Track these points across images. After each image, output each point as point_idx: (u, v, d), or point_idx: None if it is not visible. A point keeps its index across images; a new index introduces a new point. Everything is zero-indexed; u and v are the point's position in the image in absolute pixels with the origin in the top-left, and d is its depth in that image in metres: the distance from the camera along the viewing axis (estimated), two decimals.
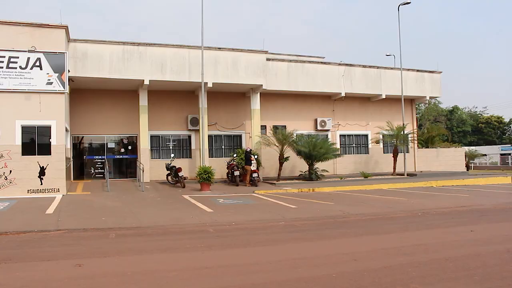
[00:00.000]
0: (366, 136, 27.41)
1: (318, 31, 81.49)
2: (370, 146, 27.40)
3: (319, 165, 22.47)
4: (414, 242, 8.73)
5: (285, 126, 24.38)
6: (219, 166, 21.79)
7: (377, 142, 26.60)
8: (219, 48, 21.35)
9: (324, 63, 25.50)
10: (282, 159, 22.15)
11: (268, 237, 9.82)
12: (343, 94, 24.94)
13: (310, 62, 24.98)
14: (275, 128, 23.64)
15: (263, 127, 23.87)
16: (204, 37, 19.47)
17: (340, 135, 26.81)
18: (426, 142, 31.97)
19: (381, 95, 25.88)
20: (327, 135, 25.85)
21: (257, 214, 13.00)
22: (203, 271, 6.81)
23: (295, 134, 22.52)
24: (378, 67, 26.03)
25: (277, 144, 22.03)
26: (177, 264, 7.35)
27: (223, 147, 24.26)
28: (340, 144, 26.59)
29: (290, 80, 23.54)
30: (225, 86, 21.87)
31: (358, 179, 22.60)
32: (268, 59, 22.56)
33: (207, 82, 20.36)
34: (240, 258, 7.73)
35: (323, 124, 25.54)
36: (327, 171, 23.15)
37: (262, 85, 21.87)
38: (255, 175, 20.12)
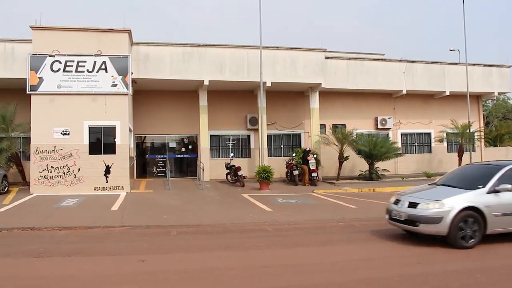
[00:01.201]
0: (429, 134, 26.44)
1: (376, 27, 79.66)
2: (433, 145, 26.40)
3: (380, 165, 21.92)
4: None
5: (344, 125, 23.98)
6: (278, 166, 21.75)
7: (441, 140, 25.58)
8: (277, 47, 21.32)
9: (384, 60, 24.85)
10: (341, 159, 21.80)
11: (328, 237, 9.69)
12: (404, 92, 24.18)
13: (369, 59, 24.42)
14: (335, 127, 23.30)
15: (322, 126, 23.58)
16: (261, 36, 19.57)
17: (401, 134, 26.02)
18: (494, 140, 30.37)
19: (444, 92, 24.86)
20: (387, 134, 25.16)
21: (317, 214, 12.86)
22: (263, 270, 6.81)
23: (354, 133, 22.09)
24: (441, 63, 25.03)
25: (336, 143, 21.71)
26: (237, 262, 7.40)
27: (282, 146, 24.22)
28: (402, 143, 25.79)
29: (350, 78, 23.12)
30: (283, 85, 21.81)
31: (420, 179, 21.82)
32: (326, 57, 22.26)
33: (265, 82, 20.39)
34: (299, 258, 7.67)
35: (383, 122, 24.92)
36: (388, 170, 22.54)
37: (321, 83, 21.62)
38: (314, 174, 19.94)
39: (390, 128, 25.30)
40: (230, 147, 23.50)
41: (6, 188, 16.75)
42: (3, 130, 18.25)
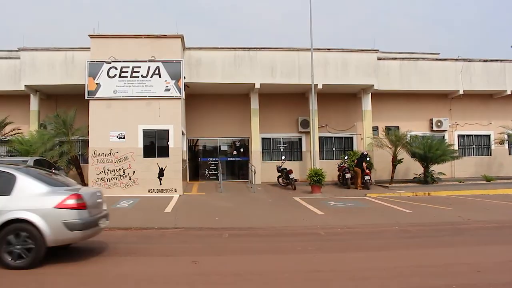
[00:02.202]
0: (488, 136, 25.29)
1: (429, 26, 77.17)
2: (493, 147, 25.24)
3: (435, 168, 21.20)
4: None
5: (398, 127, 23.35)
6: (329, 169, 21.46)
7: (502, 142, 24.37)
8: (328, 49, 21.12)
9: (439, 59, 24.01)
10: (395, 161, 21.27)
11: (381, 242, 9.47)
12: (461, 92, 23.24)
13: (423, 59, 23.67)
14: (388, 129, 22.78)
15: (375, 128, 23.11)
16: (309, 38, 19.46)
17: (458, 136, 25.04)
18: None
19: (505, 91, 23.66)
20: (443, 136, 24.30)
21: (370, 218, 12.60)
22: (314, 275, 6.73)
23: (408, 135, 21.49)
24: (501, 61, 23.85)
25: (389, 146, 21.21)
26: (289, 266, 7.35)
27: (333, 149, 23.93)
28: (459, 145, 24.82)
29: (403, 79, 22.51)
30: (335, 87, 21.55)
31: (479, 183, 20.96)
32: (379, 58, 21.80)
33: (317, 84, 20.23)
34: (351, 263, 7.53)
35: (439, 124, 24.08)
36: (444, 174, 21.75)
37: (373, 85, 21.21)
38: (367, 177, 19.58)
39: (446, 130, 24.40)
40: (282, 150, 23.47)
41: None
42: (64, 134, 19.17)
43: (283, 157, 21.73)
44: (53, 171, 10.48)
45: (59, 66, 19.79)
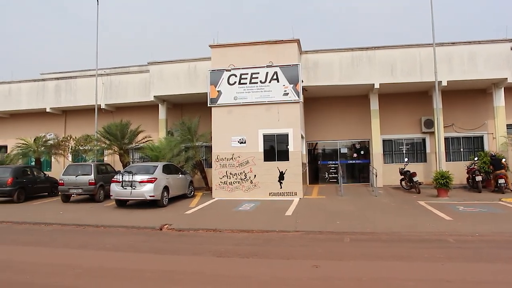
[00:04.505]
0: None
1: None
2: None
3: None
4: None
5: None
6: (457, 171, 19.97)
7: None
8: (453, 43, 19.72)
9: None
10: None
11: None
12: None
13: None
14: None
15: (510, 126, 21.04)
16: (434, 33, 18.33)
17: None
18: None
19: None
20: None
21: (506, 225, 11.37)
22: (444, 285, 6.25)
23: None
24: None
25: None
26: (414, 274, 6.93)
27: (461, 150, 22.26)
28: None
29: None
30: (461, 83, 20.06)
31: None
32: None
33: (441, 81, 19.02)
34: (486, 275, 6.85)
35: None
36: None
37: (506, 78, 19.30)
38: (501, 181, 17.84)
39: None
40: (404, 151, 22.45)
41: (192, 192, 18.61)
42: (189, 140, 20.34)
43: (406, 159, 20.73)
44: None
45: (183, 76, 21.19)
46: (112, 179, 16.03)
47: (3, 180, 17.99)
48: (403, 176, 19.52)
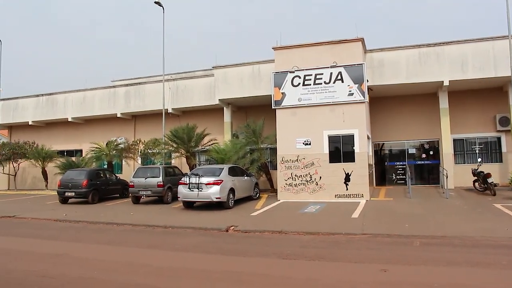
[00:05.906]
0: None
1: None
2: None
3: None
4: None
5: None
6: None
7: None
8: None
9: None
10: None
11: None
12: None
13: None
14: None
15: None
16: (509, 23, 17.34)
17: None
18: None
19: None
20: None
21: None
22: None
23: None
24: None
25: None
26: (490, 281, 6.60)
27: None
28: None
29: None
30: None
31: None
32: None
33: None
34: None
35: None
36: None
37: None
38: None
39: None
40: (477, 151, 21.41)
41: (258, 194, 18.75)
42: (254, 143, 20.54)
43: (479, 159, 19.74)
44: None
45: (247, 79, 21.46)
46: (180, 181, 16.51)
47: (78, 182, 19.08)
48: (476, 177, 18.59)
